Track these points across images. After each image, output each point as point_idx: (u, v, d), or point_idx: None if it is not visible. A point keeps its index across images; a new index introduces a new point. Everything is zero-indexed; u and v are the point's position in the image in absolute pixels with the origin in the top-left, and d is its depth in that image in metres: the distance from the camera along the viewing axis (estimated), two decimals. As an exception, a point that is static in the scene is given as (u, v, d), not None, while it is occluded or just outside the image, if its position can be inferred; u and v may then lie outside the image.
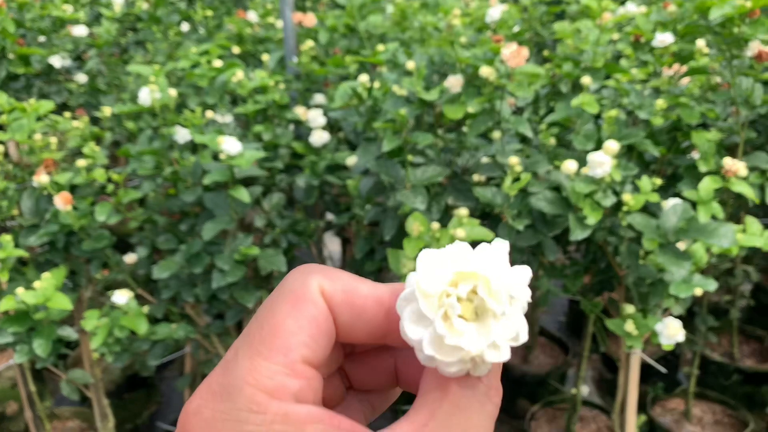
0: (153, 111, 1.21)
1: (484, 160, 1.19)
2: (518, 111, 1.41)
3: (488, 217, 1.16)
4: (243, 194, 1.15)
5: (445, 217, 1.13)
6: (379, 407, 0.36)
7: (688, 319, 2.35)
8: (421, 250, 1.11)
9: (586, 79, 1.08)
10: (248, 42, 1.80)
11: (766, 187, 1.23)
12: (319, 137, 1.38)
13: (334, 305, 0.29)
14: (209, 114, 1.38)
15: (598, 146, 1.06)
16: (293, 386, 0.27)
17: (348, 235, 1.96)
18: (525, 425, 2.08)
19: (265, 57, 1.45)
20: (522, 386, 2.34)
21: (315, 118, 1.38)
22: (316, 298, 0.29)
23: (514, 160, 0.99)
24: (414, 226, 1.04)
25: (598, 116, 1.28)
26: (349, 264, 1.43)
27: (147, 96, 1.21)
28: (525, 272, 0.28)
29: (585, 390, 2.14)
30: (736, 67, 1.18)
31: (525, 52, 0.97)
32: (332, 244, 2.43)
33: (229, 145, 1.10)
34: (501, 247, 0.28)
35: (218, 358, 1.60)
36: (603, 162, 0.95)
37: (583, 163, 1.06)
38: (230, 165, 1.14)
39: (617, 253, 1.14)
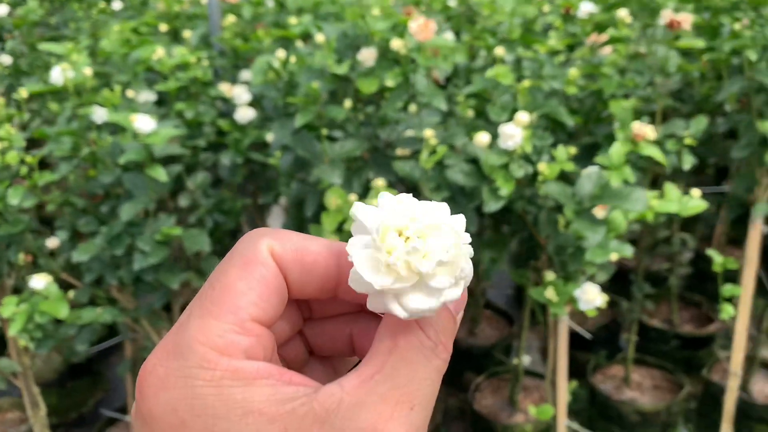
0: (66, 90, 1.18)
1: (409, 133, 1.19)
2: (446, 84, 1.41)
3: (414, 191, 1.16)
4: (160, 173, 1.13)
5: (368, 192, 1.12)
6: (340, 370, 0.36)
7: (626, 288, 2.40)
8: (339, 224, 1.10)
9: (499, 50, 1.08)
10: (177, 19, 1.76)
11: (683, 153, 1.26)
12: (244, 114, 1.36)
13: (285, 264, 0.30)
14: (130, 93, 1.35)
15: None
16: (243, 343, 0.28)
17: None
18: (469, 396, 2.10)
19: (186, 33, 1.42)
20: (468, 359, 2.36)
21: (239, 94, 1.36)
22: (265, 259, 0.29)
23: (428, 133, 0.99)
24: (332, 200, 1.03)
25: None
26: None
27: (59, 75, 1.17)
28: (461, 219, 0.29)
29: (527, 360, 2.18)
30: (652, 36, 1.20)
31: (432, 25, 0.97)
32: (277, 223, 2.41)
33: (143, 123, 1.08)
34: (440, 205, 0.29)
35: (151, 343, 1.58)
36: (514, 134, 0.95)
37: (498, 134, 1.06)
38: (146, 144, 1.12)
39: (537, 223, 1.15)
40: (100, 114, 1.23)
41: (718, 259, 1.52)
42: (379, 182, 1.02)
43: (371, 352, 0.29)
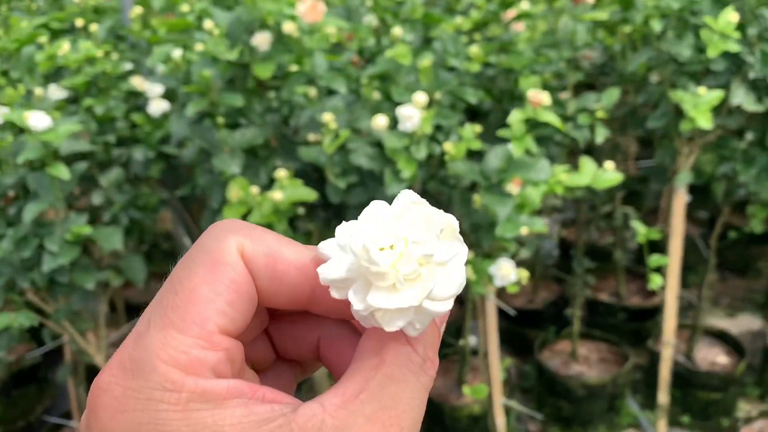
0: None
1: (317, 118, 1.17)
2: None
3: (321, 176, 1.15)
4: (62, 172, 1.10)
5: (273, 183, 1.11)
6: (309, 368, 0.34)
7: (569, 263, 2.42)
8: (243, 216, 1.08)
9: (396, 31, 1.07)
10: (96, 13, 1.71)
11: (596, 126, 1.26)
12: (157, 107, 1.33)
13: (255, 269, 0.27)
14: (39, 91, 1.31)
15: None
16: (211, 360, 0.25)
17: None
18: (417, 381, 2.10)
19: (93, 27, 1.39)
20: (418, 343, 2.36)
21: (152, 87, 1.33)
22: (234, 260, 0.27)
23: (327, 117, 0.98)
24: (233, 191, 1.01)
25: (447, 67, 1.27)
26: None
27: (-49, 74, 1.14)
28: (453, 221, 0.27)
29: (473, 341, 2.19)
30: (558, 10, 1.20)
31: (321, 6, 0.95)
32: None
33: (37, 120, 1.05)
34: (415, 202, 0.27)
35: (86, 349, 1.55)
36: (412, 115, 0.94)
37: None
38: (45, 142, 1.09)
39: (451, 203, 1.15)
40: (3, 114, 1.19)
41: (641, 230, 1.53)
42: (281, 173, 1.01)
43: (354, 368, 0.27)
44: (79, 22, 1.61)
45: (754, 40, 1.26)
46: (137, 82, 1.37)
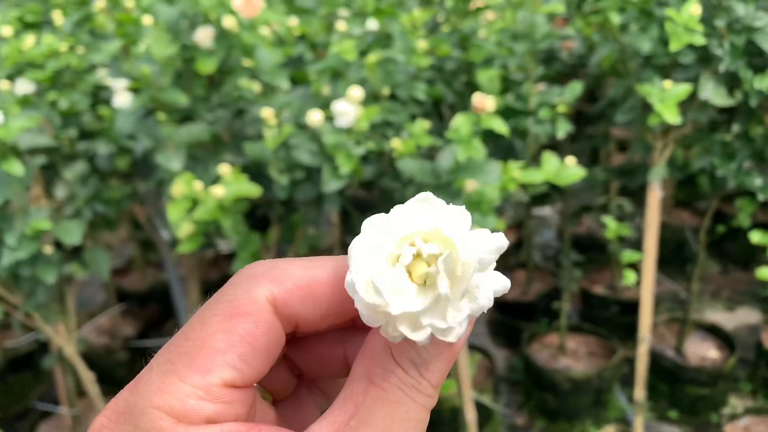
0: None
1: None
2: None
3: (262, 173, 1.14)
4: (15, 167, 1.10)
5: (217, 180, 1.11)
6: (331, 393, 0.33)
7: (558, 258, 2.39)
8: (186, 212, 1.07)
9: (340, 25, 1.06)
10: (71, 6, 1.72)
11: (558, 121, 1.24)
12: (123, 100, 1.33)
13: (292, 309, 0.26)
14: (3, 85, 1.32)
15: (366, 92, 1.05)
16: (207, 410, 0.24)
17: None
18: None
19: (58, 20, 1.39)
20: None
21: (116, 81, 1.34)
22: (256, 311, 0.26)
23: (267, 113, 0.97)
24: (176, 187, 1.01)
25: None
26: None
27: None
28: (502, 281, 0.26)
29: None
30: (516, 1, 1.17)
31: (258, 2, 0.94)
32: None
33: (-11, 115, 1.06)
34: (496, 239, 0.26)
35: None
36: (347, 111, 0.93)
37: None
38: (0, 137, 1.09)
39: (403, 200, 1.14)
40: (-37, 108, 1.20)
41: (612, 225, 1.51)
42: (225, 168, 1.00)
43: (344, 393, 0.26)
44: (57, 15, 1.62)
45: (723, 32, 1.23)
46: (103, 76, 1.37)
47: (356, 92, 0.94)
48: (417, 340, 0.24)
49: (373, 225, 0.26)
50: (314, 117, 0.95)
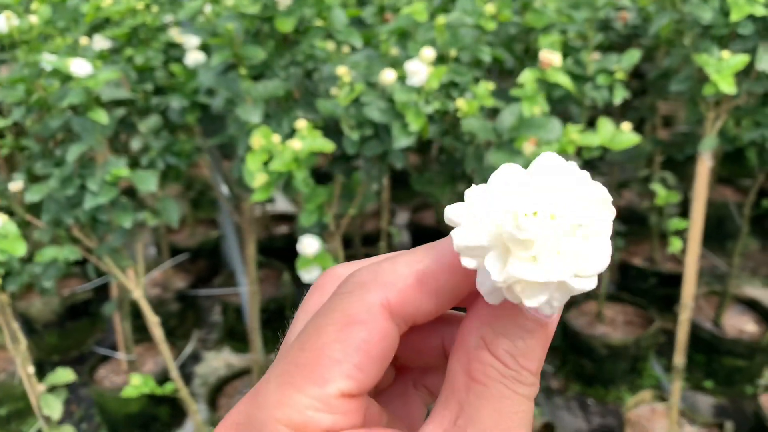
0: (12, 38, 1.23)
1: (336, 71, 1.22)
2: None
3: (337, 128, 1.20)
4: (101, 116, 1.18)
5: (294, 133, 1.17)
6: (436, 389, 0.32)
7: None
8: (264, 163, 1.15)
9: (411, -13, 1.10)
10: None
11: (615, 87, 1.28)
12: (194, 58, 1.40)
13: (408, 306, 0.27)
14: (84, 41, 1.40)
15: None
16: (326, 422, 0.25)
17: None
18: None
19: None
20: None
21: (188, 39, 1.40)
22: (368, 318, 0.26)
23: (342, 71, 1.02)
24: (255, 139, 1.08)
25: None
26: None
27: (3, 23, 1.22)
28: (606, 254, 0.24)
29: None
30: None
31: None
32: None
33: (79, 67, 1.13)
34: (599, 187, 0.25)
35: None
36: (418, 71, 0.98)
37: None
38: (86, 87, 1.17)
39: (465, 158, 1.19)
40: (49, 60, 1.28)
41: (661, 192, 1.54)
42: (301, 123, 1.07)
43: (446, 392, 0.26)
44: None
45: (784, 3, 1.25)
46: (175, 34, 1.44)
47: (428, 52, 0.99)
48: (544, 301, 0.24)
49: (503, 178, 0.25)
50: (387, 76, 1.01)
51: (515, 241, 0.23)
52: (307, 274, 1.28)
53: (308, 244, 1.23)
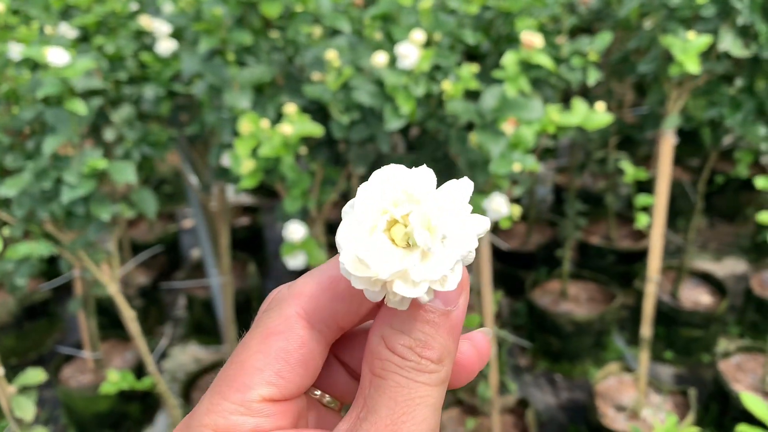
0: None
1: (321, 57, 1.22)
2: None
3: (324, 114, 1.20)
4: (79, 107, 1.15)
5: (281, 118, 1.17)
6: None
7: (563, 208, 2.49)
8: (253, 149, 1.14)
9: (395, -28, 1.12)
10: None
11: (588, 68, 1.32)
12: (166, 46, 1.37)
13: (324, 311, 0.28)
14: (49, 29, 1.36)
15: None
16: (248, 424, 0.27)
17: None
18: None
19: (102, -35, 1.42)
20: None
21: (159, 27, 1.38)
22: (285, 328, 0.28)
23: (331, 55, 1.03)
24: (244, 125, 1.07)
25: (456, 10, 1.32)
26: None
27: (-31, 11, 1.18)
28: (482, 222, 0.26)
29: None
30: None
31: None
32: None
33: (56, 56, 1.10)
34: (463, 185, 0.27)
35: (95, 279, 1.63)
36: (408, 54, 1.00)
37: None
38: (63, 77, 1.14)
39: (449, 141, 1.21)
40: (15, 50, 1.24)
41: (629, 170, 1.60)
42: (290, 108, 1.06)
43: (358, 392, 0.28)
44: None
45: (743, -14, 1.31)
46: (145, 22, 1.41)
47: (418, 35, 1.00)
48: (417, 296, 0.25)
49: (347, 210, 0.27)
50: (379, 59, 1.02)
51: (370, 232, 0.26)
52: (292, 260, 1.28)
53: (294, 230, 1.23)
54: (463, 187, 0.27)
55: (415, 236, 0.25)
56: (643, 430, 1.78)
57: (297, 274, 2.64)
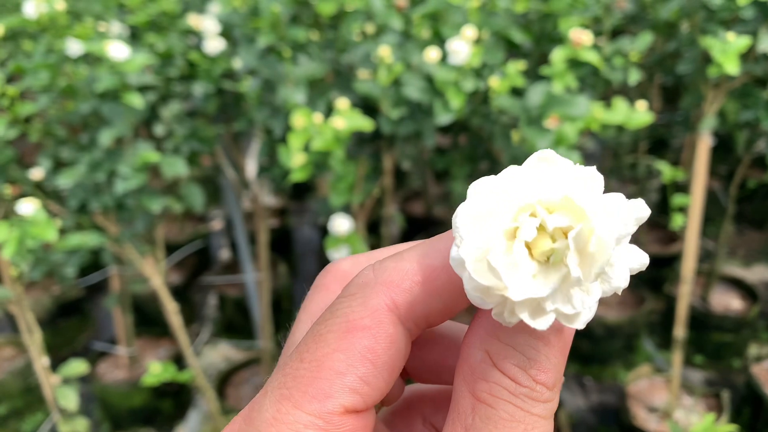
0: (40, 25, 1.23)
1: (369, 54, 1.26)
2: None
3: (374, 109, 1.24)
4: (135, 100, 1.19)
5: (331, 112, 1.20)
6: (442, 407, 0.29)
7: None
8: (305, 142, 1.18)
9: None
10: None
11: (629, 69, 1.34)
12: (213, 45, 1.41)
13: (418, 306, 0.24)
14: (102, 27, 1.40)
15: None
16: None
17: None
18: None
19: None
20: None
21: (208, 26, 1.42)
22: (373, 323, 0.23)
23: (384, 51, 1.06)
24: (297, 119, 1.11)
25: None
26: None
27: (32, 8, 1.22)
28: (640, 257, 0.23)
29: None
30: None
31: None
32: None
33: (117, 50, 1.14)
34: (639, 208, 0.22)
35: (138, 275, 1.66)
36: (460, 49, 1.03)
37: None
38: (121, 72, 1.18)
39: (493, 137, 1.23)
40: (74, 47, 1.28)
41: (666, 170, 1.61)
42: (342, 103, 1.10)
43: (452, 414, 0.23)
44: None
45: (783, -12, 1.32)
46: (194, 21, 1.45)
47: (469, 32, 1.03)
48: (539, 328, 0.21)
49: (481, 191, 0.22)
50: (431, 55, 1.05)
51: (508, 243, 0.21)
52: (336, 253, 1.31)
53: (340, 223, 1.26)
54: (638, 209, 0.22)
55: (568, 263, 0.21)
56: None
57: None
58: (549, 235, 0.21)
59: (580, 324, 0.21)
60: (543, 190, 0.22)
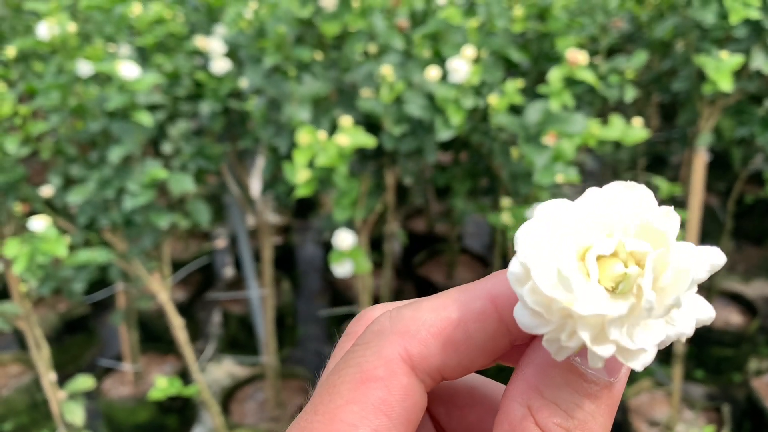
0: (52, 47, 1.27)
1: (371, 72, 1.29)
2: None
3: (376, 127, 1.27)
4: (145, 118, 1.22)
5: (335, 130, 1.23)
6: None
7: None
8: (310, 159, 1.21)
9: (444, -6, 1.19)
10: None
11: (625, 86, 1.37)
12: (220, 65, 1.45)
13: (433, 358, 0.23)
14: (112, 48, 1.44)
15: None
16: None
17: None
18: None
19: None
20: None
21: (215, 47, 1.45)
22: (386, 374, 0.22)
23: (386, 70, 1.10)
24: (302, 136, 1.14)
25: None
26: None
27: (45, 31, 1.26)
28: (707, 310, 0.21)
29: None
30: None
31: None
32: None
33: (128, 70, 1.17)
34: (714, 256, 0.21)
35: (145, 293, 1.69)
36: (460, 68, 1.06)
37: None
38: (130, 91, 1.21)
39: (492, 153, 1.27)
40: (84, 68, 1.32)
41: (664, 186, 1.64)
42: (345, 120, 1.13)
43: None
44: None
45: (774, 7, 1.36)
46: (201, 42, 1.49)
47: (469, 51, 1.07)
48: (599, 353, 0.19)
49: (552, 210, 0.21)
50: (432, 73, 1.08)
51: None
52: (339, 268, 1.33)
53: (343, 238, 1.29)
54: (713, 256, 0.21)
55: (642, 285, 0.20)
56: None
57: (327, 289, 2.68)
58: (622, 260, 0.20)
59: (639, 364, 0.20)
60: (622, 213, 0.21)
